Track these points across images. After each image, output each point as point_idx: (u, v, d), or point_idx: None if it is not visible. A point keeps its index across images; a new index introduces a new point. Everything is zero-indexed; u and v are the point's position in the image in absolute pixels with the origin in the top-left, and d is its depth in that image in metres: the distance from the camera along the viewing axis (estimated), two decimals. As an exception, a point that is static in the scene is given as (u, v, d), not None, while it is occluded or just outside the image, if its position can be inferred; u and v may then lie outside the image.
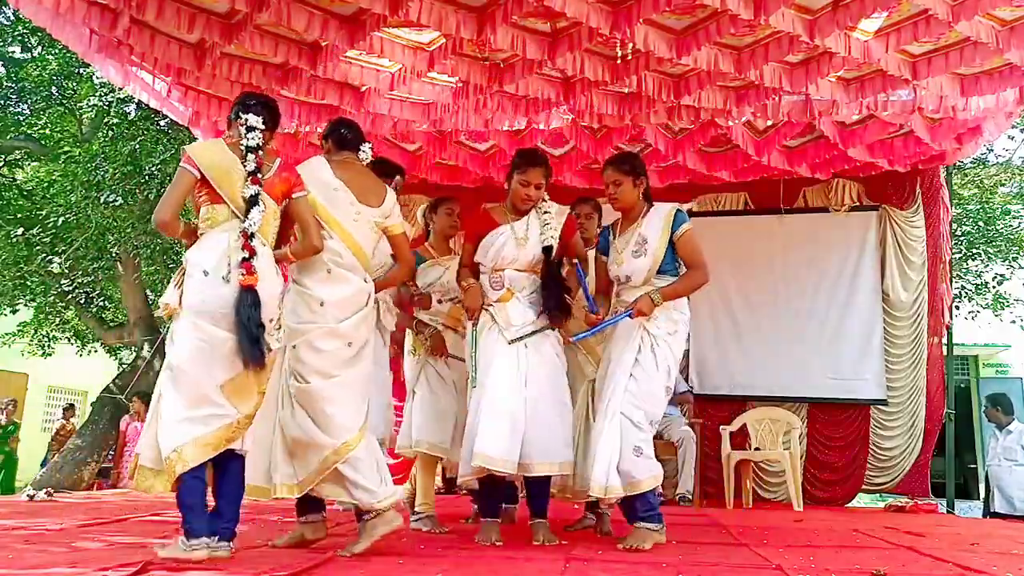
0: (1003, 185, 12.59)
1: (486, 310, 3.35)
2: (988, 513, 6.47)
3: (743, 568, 2.62)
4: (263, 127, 2.75)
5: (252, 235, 2.62)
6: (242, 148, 2.70)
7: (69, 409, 11.34)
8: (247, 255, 2.59)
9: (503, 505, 3.53)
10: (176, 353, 2.55)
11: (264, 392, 2.67)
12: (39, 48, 10.06)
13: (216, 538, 2.50)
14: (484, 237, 3.39)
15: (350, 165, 3.06)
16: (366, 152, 3.14)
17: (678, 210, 3.32)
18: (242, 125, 2.73)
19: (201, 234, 2.67)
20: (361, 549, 2.75)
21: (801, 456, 6.20)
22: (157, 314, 9.55)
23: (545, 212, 3.40)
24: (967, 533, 4.16)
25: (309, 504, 2.96)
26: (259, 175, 2.68)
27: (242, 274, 2.57)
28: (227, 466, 2.61)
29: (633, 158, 3.48)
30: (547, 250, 3.35)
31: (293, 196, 2.79)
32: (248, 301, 2.55)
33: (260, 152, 2.72)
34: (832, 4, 4.12)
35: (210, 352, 2.53)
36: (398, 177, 3.60)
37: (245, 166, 2.67)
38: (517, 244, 3.33)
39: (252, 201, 2.64)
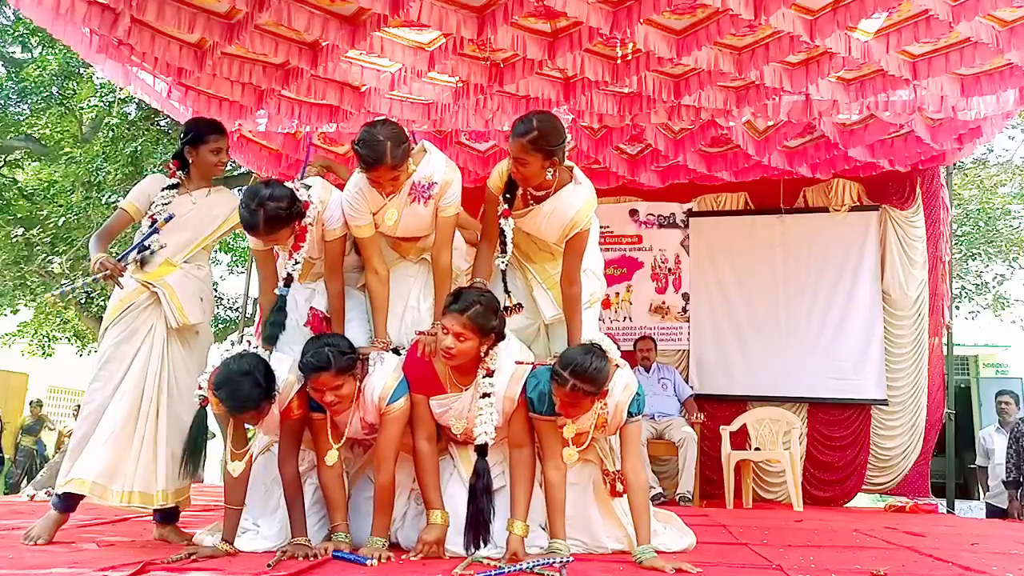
0: (1003, 185, 12.61)
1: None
2: (1004, 514, 6.10)
3: (743, 568, 2.62)
4: None
5: None
6: None
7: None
8: None
9: None
10: None
11: None
12: (39, 48, 10.06)
13: None
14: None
15: None
16: None
17: None
18: None
19: None
20: None
21: (801, 456, 6.19)
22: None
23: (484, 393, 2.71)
24: (967, 533, 4.16)
25: None
26: None
27: None
28: None
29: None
30: (481, 449, 2.71)
31: None
32: None
33: None
34: (832, 4, 4.12)
35: None
36: None
37: None
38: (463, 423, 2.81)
39: None
